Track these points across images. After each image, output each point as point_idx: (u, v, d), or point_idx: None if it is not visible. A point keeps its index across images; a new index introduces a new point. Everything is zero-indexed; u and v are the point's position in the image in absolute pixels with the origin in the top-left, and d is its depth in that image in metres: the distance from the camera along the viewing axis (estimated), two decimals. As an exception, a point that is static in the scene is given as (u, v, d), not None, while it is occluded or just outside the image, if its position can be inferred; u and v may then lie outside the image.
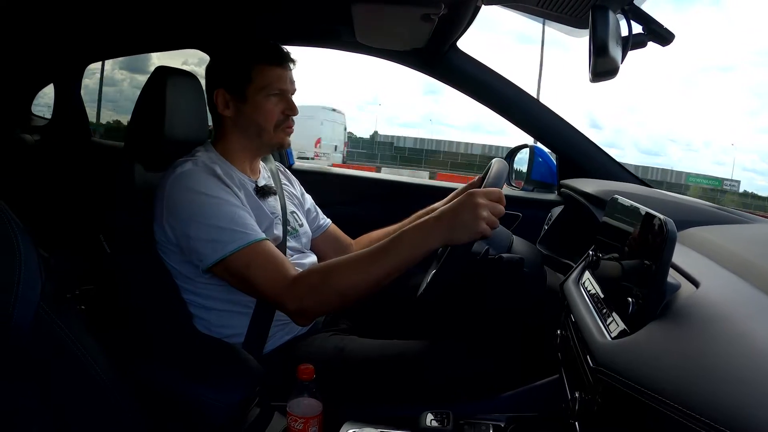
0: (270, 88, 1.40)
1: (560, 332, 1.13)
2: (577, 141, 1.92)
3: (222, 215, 1.26)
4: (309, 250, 1.61)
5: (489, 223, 1.12)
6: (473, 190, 1.16)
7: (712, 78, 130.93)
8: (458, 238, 1.13)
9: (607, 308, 0.89)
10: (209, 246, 1.24)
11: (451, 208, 1.15)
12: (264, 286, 1.23)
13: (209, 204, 1.26)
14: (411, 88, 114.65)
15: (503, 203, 1.16)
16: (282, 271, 1.23)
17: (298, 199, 1.68)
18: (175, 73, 1.45)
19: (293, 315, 1.24)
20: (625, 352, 0.72)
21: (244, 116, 1.42)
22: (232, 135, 1.45)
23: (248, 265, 1.24)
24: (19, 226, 0.78)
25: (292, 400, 1.12)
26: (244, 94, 1.40)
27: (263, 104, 1.40)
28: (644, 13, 1.04)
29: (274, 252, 1.27)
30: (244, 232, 1.25)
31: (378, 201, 2.20)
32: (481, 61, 1.92)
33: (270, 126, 1.42)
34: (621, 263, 0.91)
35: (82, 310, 1.88)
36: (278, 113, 1.42)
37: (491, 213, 1.12)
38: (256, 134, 1.43)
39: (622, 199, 1.00)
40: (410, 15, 1.47)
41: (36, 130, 2.73)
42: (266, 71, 1.40)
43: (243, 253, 1.23)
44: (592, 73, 1.05)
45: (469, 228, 1.12)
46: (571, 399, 0.88)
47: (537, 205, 2.01)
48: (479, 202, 1.12)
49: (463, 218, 1.12)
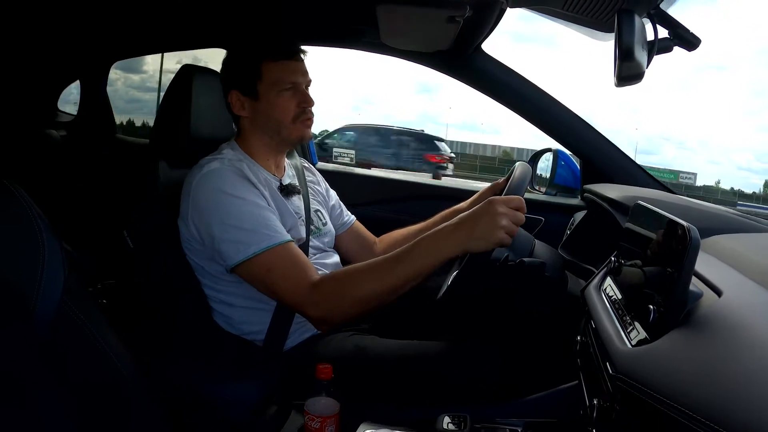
0: (281, 83, 1.40)
1: (580, 338, 1.12)
2: (601, 146, 1.90)
3: (246, 216, 1.26)
4: (332, 249, 1.62)
5: (508, 232, 1.11)
6: (493, 198, 1.15)
7: (708, 77, 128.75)
8: (476, 247, 1.13)
9: (628, 315, 0.88)
10: (233, 247, 1.25)
11: (470, 216, 1.14)
12: (285, 292, 1.24)
13: (234, 204, 1.27)
14: (403, 87, 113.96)
15: (524, 210, 1.15)
16: (303, 277, 1.23)
17: (322, 196, 1.68)
18: (201, 71, 1.47)
19: (314, 321, 1.26)
20: (645, 360, 0.71)
21: (260, 114, 1.43)
22: (252, 134, 1.46)
23: (270, 269, 1.25)
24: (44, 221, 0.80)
25: (310, 399, 1.13)
26: (257, 93, 1.41)
27: (277, 100, 1.41)
28: (670, 17, 1.03)
29: (297, 256, 1.28)
30: (268, 234, 1.26)
31: (401, 202, 2.20)
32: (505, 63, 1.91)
33: (287, 120, 1.42)
34: (643, 270, 0.90)
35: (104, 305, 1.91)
36: (294, 107, 1.42)
37: (511, 221, 1.11)
38: (275, 131, 1.44)
39: (646, 206, 0.99)
40: (435, 17, 1.47)
41: (62, 126, 2.78)
42: (275, 66, 1.40)
43: (266, 256, 1.24)
44: (617, 77, 1.04)
45: (487, 237, 1.11)
46: (589, 406, 0.88)
47: (560, 209, 2.00)
48: (499, 211, 1.11)
49: (482, 227, 1.11)
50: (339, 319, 1.25)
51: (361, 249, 1.73)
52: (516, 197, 1.15)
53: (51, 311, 0.79)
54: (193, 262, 1.39)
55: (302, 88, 1.44)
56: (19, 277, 0.77)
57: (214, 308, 1.41)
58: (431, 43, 1.83)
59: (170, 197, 1.38)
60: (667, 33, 1.03)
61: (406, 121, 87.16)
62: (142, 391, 0.91)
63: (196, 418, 1.22)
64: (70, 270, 0.82)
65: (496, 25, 1.63)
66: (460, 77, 1.99)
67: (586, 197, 1.84)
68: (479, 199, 1.60)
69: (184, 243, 1.37)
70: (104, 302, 2.01)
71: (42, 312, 0.77)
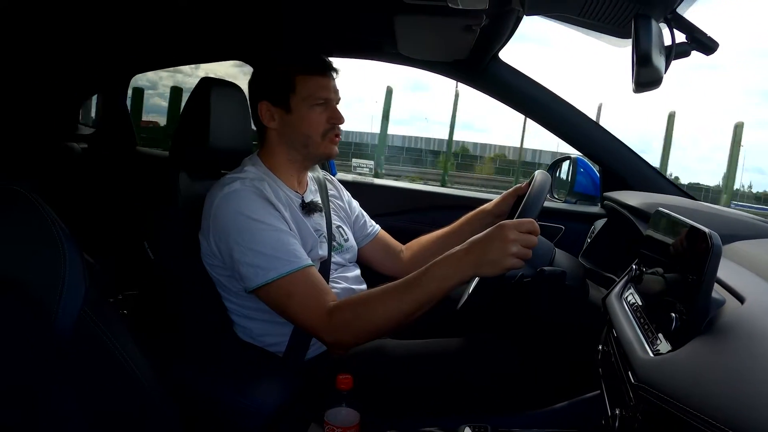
0: (313, 98, 1.41)
1: (602, 348, 1.11)
2: (621, 153, 1.89)
3: (266, 241, 1.27)
4: (353, 264, 1.62)
5: (519, 256, 1.10)
6: (504, 222, 1.14)
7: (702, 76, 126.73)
8: (486, 272, 1.13)
9: (650, 324, 0.86)
10: (252, 270, 1.26)
11: (481, 240, 1.14)
12: (301, 317, 1.25)
13: (254, 229, 1.28)
14: (396, 85, 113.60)
15: (537, 233, 1.13)
16: (320, 303, 1.24)
17: (345, 211, 1.68)
18: (219, 83, 1.49)
19: (328, 345, 1.26)
20: (667, 368, 0.70)
21: (289, 127, 1.43)
22: (278, 147, 1.46)
23: (288, 295, 1.25)
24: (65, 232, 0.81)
25: (330, 410, 1.13)
26: (288, 105, 1.41)
27: (308, 114, 1.41)
28: (687, 21, 1.01)
29: (315, 281, 1.28)
30: (287, 260, 1.26)
31: (422, 212, 2.19)
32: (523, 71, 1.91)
33: (317, 135, 1.43)
34: (665, 277, 0.89)
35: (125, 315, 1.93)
36: (323, 122, 1.43)
37: (522, 246, 1.10)
38: (303, 145, 1.44)
39: (666, 212, 0.98)
40: (452, 26, 1.48)
41: (82, 139, 2.83)
42: (309, 81, 1.41)
43: (284, 281, 1.25)
44: (635, 83, 1.03)
45: (497, 263, 1.11)
46: (611, 416, 0.87)
47: (580, 217, 1.98)
48: (509, 237, 1.10)
49: (492, 253, 1.11)
50: (353, 343, 1.25)
51: (387, 258, 1.73)
52: (527, 220, 1.14)
53: (71, 321, 0.80)
54: (213, 276, 1.40)
55: (333, 104, 1.45)
56: (41, 288, 0.78)
57: (234, 321, 1.42)
58: (449, 53, 1.83)
59: (190, 208, 1.39)
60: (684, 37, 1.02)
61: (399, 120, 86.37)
62: (161, 399, 0.91)
63: (215, 426, 1.22)
64: (90, 281, 0.83)
65: (513, 33, 1.62)
66: (478, 86, 1.99)
67: (606, 205, 1.82)
68: (503, 201, 1.60)
69: (204, 258, 1.38)
70: (125, 312, 2.03)
71: (62, 322, 0.78)
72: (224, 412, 1.23)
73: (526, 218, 1.16)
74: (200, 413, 1.20)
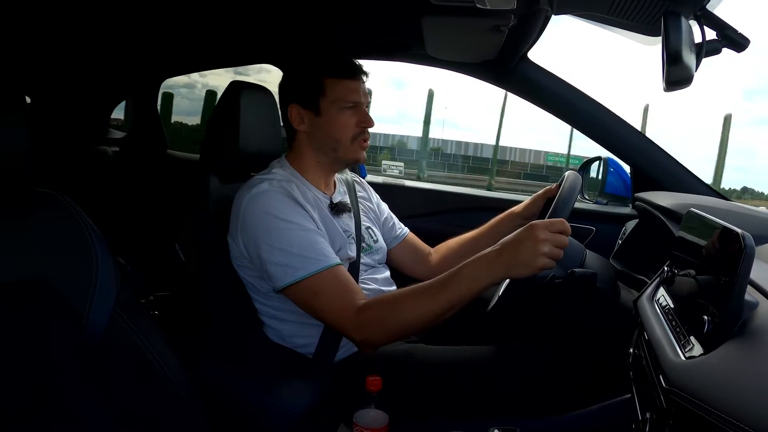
0: (343, 101, 1.41)
1: (633, 350, 1.09)
2: (652, 153, 1.85)
3: (294, 240, 1.28)
4: (383, 265, 1.62)
5: (551, 257, 1.09)
6: (535, 222, 1.12)
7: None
8: (518, 273, 1.11)
9: (682, 326, 0.85)
10: (280, 270, 1.27)
11: (512, 241, 1.12)
12: (330, 315, 1.26)
13: (282, 228, 1.29)
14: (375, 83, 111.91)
15: (568, 232, 1.12)
16: (349, 301, 1.24)
17: (374, 212, 1.69)
18: (249, 87, 1.51)
19: (357, 344, 1.26)
20: (699, 372, 0.69)
21: (319, 130, 1.44)
22: (307, 150, 1.47)
23: (316, 293, 1.26)
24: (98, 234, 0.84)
25: (359, 411, 1.13)
26: (318, 108, 1.42)
27: (338, 117, 1.42)
28: (718, 18, 0.99)
29: (344, 279, 1.28)
30: (316, 259, 1.27)
31: (451, 214, 2.19)
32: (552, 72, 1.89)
33: (346, 139, 1.43)
34: (697, 279, 0.87)
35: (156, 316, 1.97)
36: (353, 126, 1.43)
37: (554, 246, 1.09)
38: (332, 148, 1.45)
39: (698, 213, 0.96)
40: (480, 27, 1.46)
41: (114, 142, 2.89)
42: (339, 84, 1.42)
43: (313, 280, 1.26)
44: (665, 82, 1.01)
45: (528, 264, 1.09)
46: (642, 420, 0.85)
47: (611, 218, 1.95)
48: (540, 237, 1.08)
49: (523, 254, 1.09)
50: (382, 342, 1.25)
51: (415, 260, 1.74)
52: (558, 220, 1.13)
53: (103, 321, 0.82)
54: (243, 277, 1.42)
55: (363, 108, 1.45)
56: (73, 289, 0.81)
57: (264, 322, 1.43)
58: (477, 54, 1.82)
59: (221, 211, 1.41)
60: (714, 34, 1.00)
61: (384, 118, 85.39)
62: (190, 400, 0.93)
63: (244, 427, 1.24)
64: (122, 282, 0.86)
65: (542, 33, 1.61)
66: (507, 87, 1.98)
67: (638, 206, 1.79)
68: (533, 203, 1.59)
69: (234, 259, 1.40)
70: (156, 313, 2.06)
71: (94, 322, 0.81)
72: (253, 413, 1.24)
73: (557, 218, 1.15)
74: (229, 414, 1.22)
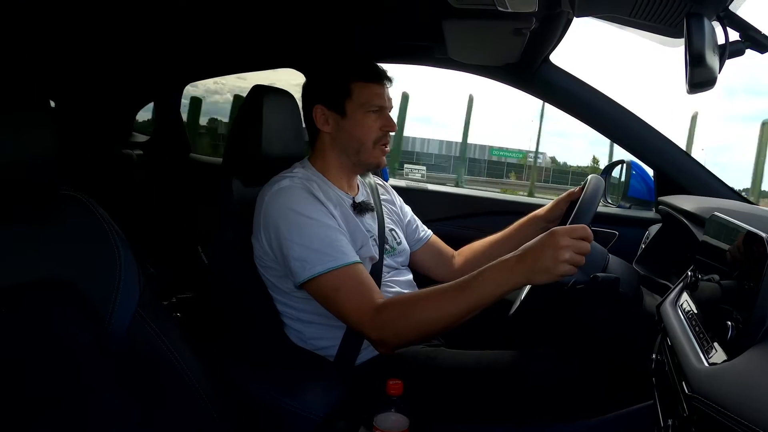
0: (369, 105, 1.44)
1: (656, 356, 1.08)
2: (675, 156, 1.83)
3: (314, 236, 1.29)
4: (406, 267, 1.62)
5: (572, 263, 1.08)
6: (556, 229, 1.11)
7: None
8: (539, 280, 1.10)
9: (706, 332, 0.84)
10: (299, 265, 1.28)
11: (533, 247, 1.12)
12: (348, 312, 1.26)
13: (303, 224, 1.30)
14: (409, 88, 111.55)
15: (590, 239, 1.11)
16: (368, 299, 1.24)
17: (397, 215, 1.70)
18: (271, 91, 1.52)
19: (374, 343, 1.27)
20: (722, 379, 0.68)
21: (343, 131, 1.46)
22: (330, 152, 1.49)
23: (336, 288, 1.26)
24: (121, 236, 0.85)
25: (379, 415, 1.13)
26: (344, 110, 1.44)
27: (363, 120, 1.44)
28: (741, 19, 0.98)
29: (363, 277, 1.29)
30: (334, 256, 1.27)
31: (475, 217, 2.18)
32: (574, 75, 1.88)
33: (369, 142, 1.45)
34: (721, 284, 0.86)
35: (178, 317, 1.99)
36: (376, 129, 1.45)
37: (575, 252, 1.08)
38: (355, 151, 1.47)
39: (722, 217, 0.95)
40: (501, 30, 1.47)
41: (138, 146, 2.93)
42: (365, 88, 1.44)
43: (332, 276, 1.26)
44: (688, 84, 1.00)
45: (549, 271, 1.08)
46: (664, 426, 0.84)
47: (634, 222, 1.93)
48: (561, 244, 1.07)
49: (544, 261, 1.08)
50: (399, 343, 1.24)
51: (439, 264, 1.74)
52: (580, 226, 1.12)
53: (126, 322, 0.84)
54: (265, 278, 1.43)
55: (387, 112, 1.48)
56: (96, 290, 0.82)
57: (286, 324, 1.44)
58: (499, 57, 1.82)
59: (244, 215, 1.43)
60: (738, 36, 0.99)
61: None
62: (214, 403, 0.94)
63: (265, 429, 1.24)
64: (145, 284, 0.87)
65: (563, 35, 1.60)
66: (529, 90, 1.97)
67: (661, 210, 1.77)
68: (555, 206, 1.59)
69: (257, 260, 1.42)
70: (178, 315, 2.09)
71: (117, 323, 0.82)
72: (275, 415, 1.25)
73: (579, 224, 1.14)
74: (250, 416, 1.23)
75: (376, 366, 1.39)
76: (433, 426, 1.27)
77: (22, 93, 0.81)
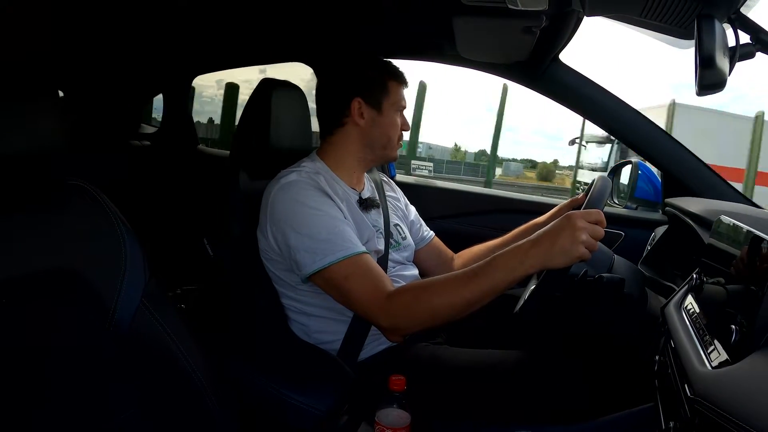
0: (398, 105, 1.49)
1: (659, 358, 1.08)
2: (684, 158, 1.82)
3: (322, 227, 1.29)
4: (411, 263, 1.63)
5: (588, 246, 1.08)
6: (572, 212, 1.12)
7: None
8: (556, 263, 1.10)
9: (709, 335, 0.83)
10: (308, 256, 1.28)
11: (549, 231, 1.11)
12: (360, 300, 1.26)
13: (310, 215, 1.30)
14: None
15: (604, 224, 1.11)
16: (379, 287, 1.24)
17: (402, 211, 1.70)
18: (280, 85, 1.53)
19: (385, 331, 1.26)
20: (725, 382, 0.68)
21: (377, 127, 1.48)
22: (353, 144, 1.49)
23: (347, 277, 1.26)
24: (127, 227, 0.86)
25: (381, 410, 1.13)
26: (381, 107, 1.47)
27: (394, 118, 1.49)
28: (752, 21, 0.97)
29: (373, 266, 1.29)
30: (343, 246, 1.27)
31: (481, 215, 2.18)
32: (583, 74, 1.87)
33: (395, 139, 1.50)
34: (726, 288, 0.86)
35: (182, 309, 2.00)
36: (399, 128, 1.51)
37: (590, 236, 1.08)
38: (382, 146, 1.50)
39: (729, 220, 0.95)
40: (511, 28, 1.47)
41: (146, 137, 2.94)
42: (398, 88, 1.49)
43: (341, 265, 1.26)
44: (698, 86, 1.00)
45: (567, 252, 1.08)
46: (665, 429, 0.84)
47: (640, 224, 1.93)
48: (578, 225, 1.08)
49: (561, 242, 1.08)
50: (411, 329, 1.24)
51: (439, 265, 1.74)
52: (595, 210, 1.12)
53: (130, 313, 0.84)
54: (270, 272, 1.43)
55: (403, 114, 1.53)
56: (101, 280, 0.83)
57: (291, 317, 1.45)
58: (508, 55, 1.81)
59: (250, 208, 1.43)
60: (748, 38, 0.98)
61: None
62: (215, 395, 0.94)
63: (268, 423, 1.25)
64: (150, 275, 0.87)
65: (573, 34, 1.59)
66: (538, 89, 1.95)
67: (668, 211, 1.76)
68: (558, 213, 1.58)
69: (262, 253, 1.42)
70: (182, 307, 2.09)
71: (121, 313, 0.83)
72: (277, 409, 1.25)
73: (596, 206, 1.15)
74: (253, 409, 1.23)
75: (378, 362, 1.39)
76: (434, 423, 1.27)
77: (30, 83, 0.82)
